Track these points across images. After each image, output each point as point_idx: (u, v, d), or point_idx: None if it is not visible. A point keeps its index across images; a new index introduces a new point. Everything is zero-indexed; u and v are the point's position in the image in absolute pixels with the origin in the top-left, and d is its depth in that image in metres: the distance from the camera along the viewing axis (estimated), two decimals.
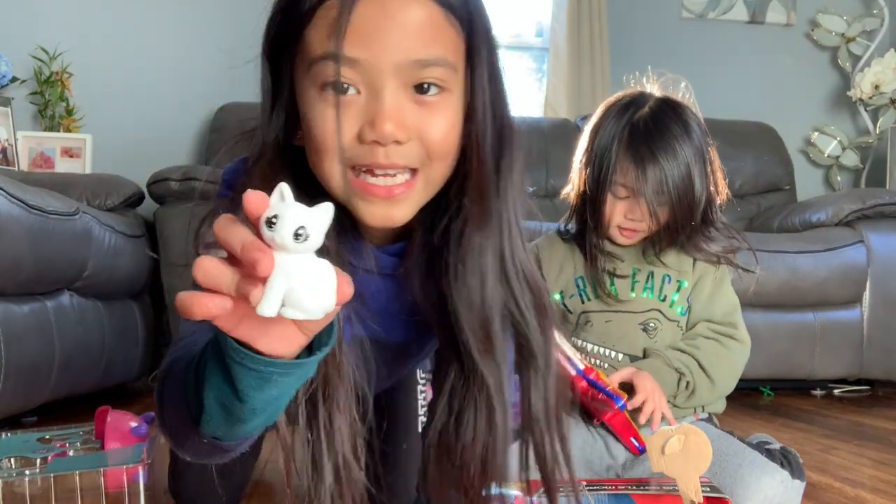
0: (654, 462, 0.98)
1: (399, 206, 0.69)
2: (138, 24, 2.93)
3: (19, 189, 1.59)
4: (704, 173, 1.19)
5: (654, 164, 1.15)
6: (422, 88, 0.67)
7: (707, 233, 1.22)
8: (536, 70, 3.40)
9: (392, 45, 0.64)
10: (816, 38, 3.39)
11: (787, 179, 3.04)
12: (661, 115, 1.19)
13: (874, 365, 2.40)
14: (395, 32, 0.64)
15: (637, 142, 1.17)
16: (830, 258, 2.35)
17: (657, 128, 1.17)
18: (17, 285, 1.59)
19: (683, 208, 1.17)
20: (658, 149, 1.16)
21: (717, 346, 1.22)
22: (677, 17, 3.34)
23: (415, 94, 0.66)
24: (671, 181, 1.15)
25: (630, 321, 1.24)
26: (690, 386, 1.19)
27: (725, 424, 1.29)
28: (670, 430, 0.98)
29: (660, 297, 1.24)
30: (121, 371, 2.13)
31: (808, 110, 3.42)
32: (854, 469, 1.47)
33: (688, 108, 1.23)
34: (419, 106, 0.67)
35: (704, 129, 1.22)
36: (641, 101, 1.23)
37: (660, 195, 1.16)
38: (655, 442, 0.98)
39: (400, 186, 0.68)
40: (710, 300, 1.24)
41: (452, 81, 0.68)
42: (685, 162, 1.16)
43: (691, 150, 1.17)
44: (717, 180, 1.24)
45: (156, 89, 2.91)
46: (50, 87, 2.76)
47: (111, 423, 1.19)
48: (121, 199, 2.25)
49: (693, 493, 0.95)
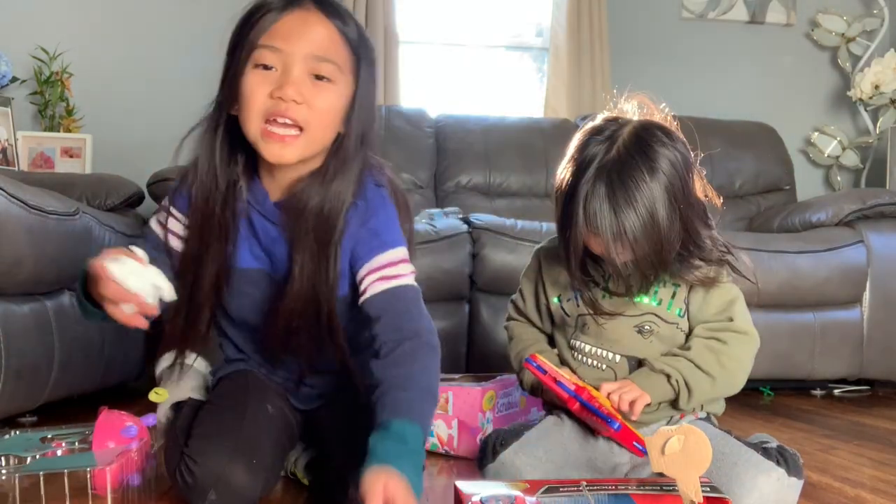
0: (654, 462, 0.98)
1: (288, 149, 1.07)
2: (138, 25, 2.93)
3: (19, 189, 1.59)
4: (675, 210, 1.14)
5: (616, 217, 1.12)
6: (318, 77, 1.07)
7: (689, 262, 1.19)
8: (536, 70, 3.40)
9: (302, 43, 1.06)
10: (816, 38, 3.39)
11: (787, 179, 3.04)
12: (627, 163, 1.13)
13: (874, 365, 2.40)
14: (305, 36, 1.07)
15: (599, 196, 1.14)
16: (830, 258, 2.35)
17: (621, 181, 1.12)
18: (17, 285, 1.59)
19: (651, 251, 1.15)
20: (619, 205, 1.11)
21: (712, 342, 1.20)
22: (677, 17, 3.34)
23: (313, 79, 1.07)
24: (629, 233, 1.12)
25: (625, 323, 1.23)
26: (681, 385, 1.18)
27: (725, 424, 1.29)
28: (670, 430, 0.97)
29: (655, 301, 1.23)
30: (121, 371, 2.13)
31: (808, 110, 3.42)
32: (854, 469, 1.47)
33: (660, 138, 1.17)
34: (313, 86, 1.07)
35: (680, 156, 1.17)
36: (612, 140, 1.18)
37: (621, 242, 1.14)
38: (655, 442, 0.98)
39: (290, 137, 1.07)
40: (704, 301, 1.23)
41: (339, 79, 1.09)
42: (647, 210, 1.12)
43: (657, 192, 1.12)
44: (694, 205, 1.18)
45: (156, 89, 2.91)
46: (50, 87, 2.77)
47: (101, 423, 1.18)
48: (121, 199, 2.25)
49: (693, 493, 0.95)
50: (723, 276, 1.21)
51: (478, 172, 2.86)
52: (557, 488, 1.01)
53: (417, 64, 3.26)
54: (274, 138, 1.06)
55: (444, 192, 2.86)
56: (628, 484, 1.04)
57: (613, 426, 1.14)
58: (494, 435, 1.27)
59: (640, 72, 3.19)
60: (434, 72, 3.29)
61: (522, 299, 1.37)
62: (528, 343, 1.34)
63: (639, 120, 1.21)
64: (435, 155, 2.90)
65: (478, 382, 1.60)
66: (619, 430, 1.14)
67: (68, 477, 1.06)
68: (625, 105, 1.25)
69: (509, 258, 2.23)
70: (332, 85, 1.08)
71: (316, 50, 1.06)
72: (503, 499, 0.97)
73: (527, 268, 1.37)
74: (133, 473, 1.14)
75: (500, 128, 2.96)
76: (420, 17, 3.25)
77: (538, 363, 1.20)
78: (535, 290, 1.35)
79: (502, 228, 2.29)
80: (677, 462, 0.96)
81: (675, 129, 1.22)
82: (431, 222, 2.30)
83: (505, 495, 0.98)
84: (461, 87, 3.29)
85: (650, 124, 1.19)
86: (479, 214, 2.43)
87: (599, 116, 1.24)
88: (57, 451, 1.16)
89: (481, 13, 3.30)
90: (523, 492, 1.00)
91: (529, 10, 3.35)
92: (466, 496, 1.00)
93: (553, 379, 1.19)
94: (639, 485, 1.04)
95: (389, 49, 3.02)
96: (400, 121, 2.87)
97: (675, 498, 0.97)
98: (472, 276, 2.26)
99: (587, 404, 1.16)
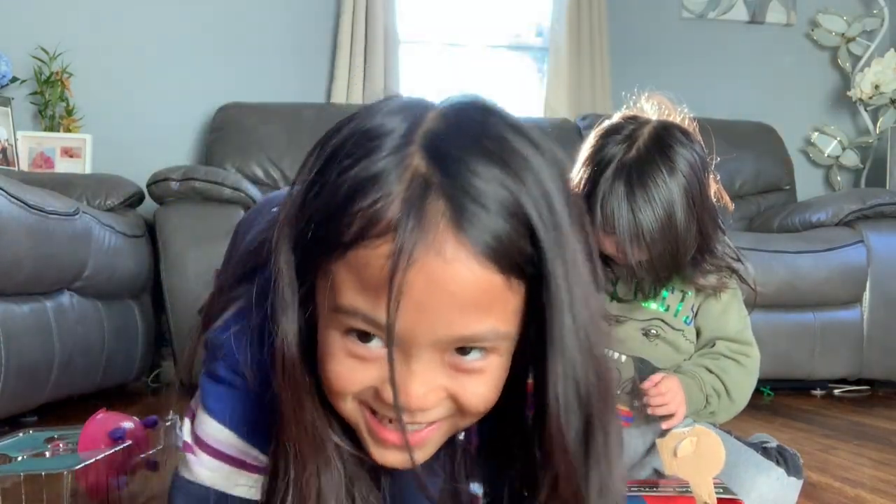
0: (667, 464, 0.97)
1: (417, 451, 0.59)
2: (138, 25, 2.93)
3: (19, 189, 1.59)
4: (692, 212, 1.14)
5: (634, 216, 1.11)
6: (464, 350, 0.56)
7: (702, 266, 1.18)
8: (536, 70, 3.40)
9: (435, 321, 0.53)
10: (816, 38, 3.39)
11: (787, 179, 3.04)
12: (647, 162, 1.13)
13: (874, 365, 2.40)
14: (442, 307, 0.53)
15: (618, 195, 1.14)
16: (830, 258, 2.35)
17: (640, 180, 1.12)
18: (17, 285, 1.59)
19: (666, 252, 1.15)
20: (637, 204, 1.11)
21: (739, 367, 1.20)
22: (677, 17, 3.34)
23: (453, 356, 0.56)
24: (647, 232, 1.11)
25: (631, 326, 1.24)
26: (713, 407, 1.19)
27: (726, 424, 1.29)
28: (682, 433, 0.96)
29: (663, 307, 1.23)
30: (120, 371, 2.13)
31: (808, 110, 3.41)
32: (854, 469, 1.47)
33: (680, 139, 1.16)
34: (455, 370, 0.56)
35: (698, 157, 1.16)
36: (632, 139, 1.18)
37: (638, 242, 1.13)
38: (668, 444, 0.97)
39: (420, 433, 0.59)
40: (723, 315, 1.22)
41: (502, 346, 0.57)
42: (665, 211, 1.11)
43: (676, 193, 1.12)
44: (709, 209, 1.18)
45: (156, 89, 2.91)
46: (50, 87, 2.76)
47: (90, 424, 1.17)
48: (121, 199, 2.25)
49: (706, 496, 0.94)
50: (731, 283, 1.22)
51: None
52: None
53: (417, 64, 3.26)
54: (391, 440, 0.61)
55: None
56: (641, 485, 1.04)
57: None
58: None
59: (640, 72, 3.19)
60: (434, 72, 3.29)
61: None
62: None
63: (658, 120, 1.20)
64: None
65: None
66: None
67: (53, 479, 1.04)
68: (644, 104, 1.25)
69: None
70: (493, 357, 0.58)
71: (459, 327, 0.55)
72: None
73: None
74: (118, 476, 1.13)
75: None
76: (420, 17, 3.25)
77: None
78: None
79: None
80: (690, 464, 0.95)
81: (693, 130, 1.22)
82: None
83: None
84: (461, 87, 3.28)
85: (670, 125, 1.19)
86: None
87: (616, 115, 1.23)
88: (47, 452, 1.15)
89: (481, 13, 3.30)
90: None
91: (529, 10, 3.35)
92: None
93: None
94: (651, 486, 1.04)
95: (389, 49, 3.02)
96: None
97: (689, 499, 0.97)
98: None
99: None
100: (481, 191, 0.52)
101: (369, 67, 2.98)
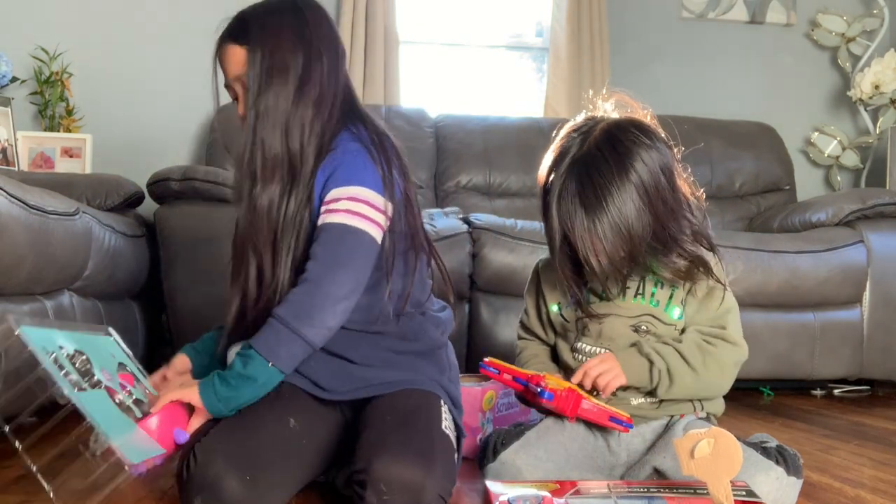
0: (684, 465, 0.97)
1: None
2: (138, 25, 2.93)
3: (19, 189, 1.58)
4: (646, 207, 1.16)
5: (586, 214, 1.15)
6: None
7: (666, 256, 1.19)
8: (536, 70, 3.40)
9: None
10: (816, 38, 3.39)
11: (787, 179, 3.04)
12: (596, 158, 1.16)
13: (874, 365, 2.40)
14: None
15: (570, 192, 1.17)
16: (830, 258, 2.35)
17: (589, 175, 1.16)
18: (17, 285, 1.59)
19: (621, 247, 1.16)
20: (589, 202, 1.15)
21: (702, 342, 1.22)
22: (677, 17, 3.34)
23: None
24: (600, 230, 1.15)
25: (622, 323, 1.25)
26: (663, 374, 1.19)
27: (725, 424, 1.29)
28: (700, 433, 0.96)
29: (652, 303, 1.24)
30: None
31: (808, 110, 3.42)
32: (854, 469, 1.47)
33: (634, 136, 1.18)
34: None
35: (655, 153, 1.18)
36: (586, 135, 1.20)
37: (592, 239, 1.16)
38: (685, 445, 0.96)
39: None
40: (701, 305, 1.24)
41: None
42: (617, 208, 1.14)
43: (627, 189, 1.14)
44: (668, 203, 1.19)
45: (156, 89, 2.91)
46: (50, 87, 2.76)
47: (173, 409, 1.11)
48: (121, 199, 2.25)
49: (724, 497, 0.93)
50: (698, 276, 1.21)
51: (478, 172, 2.86)
52: (589, 490, 1.02)
53: (417, 64, 3.26)
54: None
55: (444, 192, 2.86)
56: (660, 486, 1.04)
57: (544, 396, 1.17)
58: (495, 435, 1.28)
59: (641, 72, 3.20)
60: (434, 72, 3.29)
61: (527, 315, 1.40)
62: (527, 359, 1.37)
63: (616, 118, 1.23)
64: (435, 155, 2.90)
65: (478, 383, 1.60)
66: (551, 400, 1.17)
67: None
68: (602, 103, 1.27)
69: (509, 258, 2.23)
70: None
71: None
72: (531, 499, 0.98)
73: (528, 283, 1.40)
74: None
75: (500, 128, 2.96)
76: (420, 17, 3.25)
77: (492, 365, 1.24)
78: (536, 302, 1.38)
79: (502, 228, 2.29)
80: (707, 465, 0.94)
81: (654, 126, 1.23)
82: (431, 222, 2.30)
83: (533, 495, 0.99)
84: (461, 87, 3.29)
85: (626, 122, 1.21)
86: (479, 214, 2.43)
87: (583, 113, 1.26)
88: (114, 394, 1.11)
89: (481, 13, 3.30)
90: (552, 493, 1.00)
91: (529, 10, 3.35)
92: (495, 495, 1.01)
93: (511, 377, 1.23)
94: (671, 487, 1.04)
95: (389, 49, 3.02)
96: (400, 121, 2.87)
97: (707, 501, 0.96)
98: (472, 275, 2.26)
99: (518, 379, 1.21)
100: None
101: (369, 67, 2.98)
